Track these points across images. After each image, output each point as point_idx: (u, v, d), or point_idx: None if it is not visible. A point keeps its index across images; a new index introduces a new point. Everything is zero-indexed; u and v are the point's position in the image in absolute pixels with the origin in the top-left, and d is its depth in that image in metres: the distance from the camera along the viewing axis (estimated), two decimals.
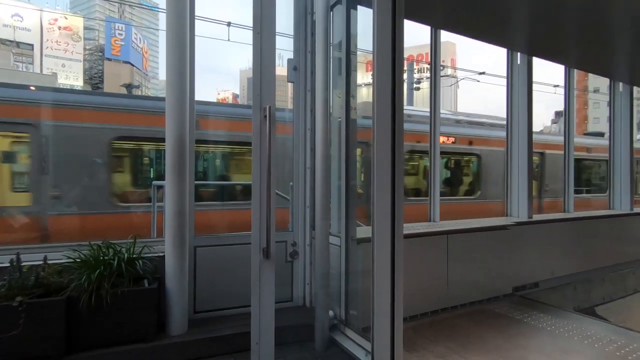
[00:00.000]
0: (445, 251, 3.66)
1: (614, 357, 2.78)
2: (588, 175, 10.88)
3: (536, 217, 4.71)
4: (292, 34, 3.70)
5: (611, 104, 6.34)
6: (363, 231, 3.22)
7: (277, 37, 2.17)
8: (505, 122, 4.99)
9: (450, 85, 26.85)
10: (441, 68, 4.46)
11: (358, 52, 3.36)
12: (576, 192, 6.57)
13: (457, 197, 8.33)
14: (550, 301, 4.54)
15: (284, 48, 3.83)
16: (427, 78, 4.44)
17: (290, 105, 4.00)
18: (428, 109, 4.34)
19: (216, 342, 2.79)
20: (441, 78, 4.54)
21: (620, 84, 6.20)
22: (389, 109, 2.42)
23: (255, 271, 2.08)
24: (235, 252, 3.20)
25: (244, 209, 3.50)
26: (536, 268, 4.49)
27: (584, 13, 3.96)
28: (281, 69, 3.92)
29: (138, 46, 45.45)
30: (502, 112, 5.10)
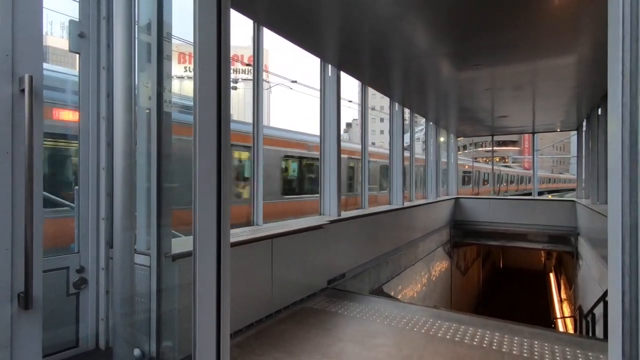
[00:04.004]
0: (269, 256, 3.56)
1: (404, 329, 3.33)
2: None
3: (344, 214, 5.29)
4: None
5: (390, 119, 7.92)
6: (182, 243, 2.74)
7: None
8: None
9: (266, 89, 28.13)
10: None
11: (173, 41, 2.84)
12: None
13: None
14: (354, 287, 5.19)
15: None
16: (244, 79, 4.27)
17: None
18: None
19: None
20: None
21: (396, 104, 7.82)
22: (214, 106, 2.09)
23: (3, 330, 1.32)
24: None
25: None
26: (344, 260, 5.04)
27: (374, 44, 4.73)
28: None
29: None
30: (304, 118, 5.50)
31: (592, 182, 8.75)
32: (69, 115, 3.03)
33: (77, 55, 2.71)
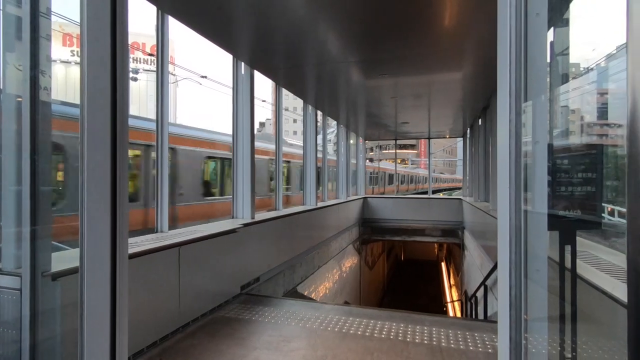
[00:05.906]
0: (176, 265, 3.26)
1: (319, 330, 3.38)
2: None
3: (257, 216, 5.16)
4: None
5: (304, 121, 8.02)
6: (69, 257, 2.34)
7: None
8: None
9: (172, 83, 26.08)
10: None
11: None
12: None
13: None
14: (268, 291, 5.11)
15: None
16: (146, 70, 3.86)
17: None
18: None
19: None
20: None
21: (310, 106, 7.96)
22: (107, 97, 1.84)
23: None
24: None
25: None
26: (258, 264, 4.91)
27: (288, 46, 4.73)
28: None
29: None
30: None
31: (474, 183, 10.15)
32: None
33: None
